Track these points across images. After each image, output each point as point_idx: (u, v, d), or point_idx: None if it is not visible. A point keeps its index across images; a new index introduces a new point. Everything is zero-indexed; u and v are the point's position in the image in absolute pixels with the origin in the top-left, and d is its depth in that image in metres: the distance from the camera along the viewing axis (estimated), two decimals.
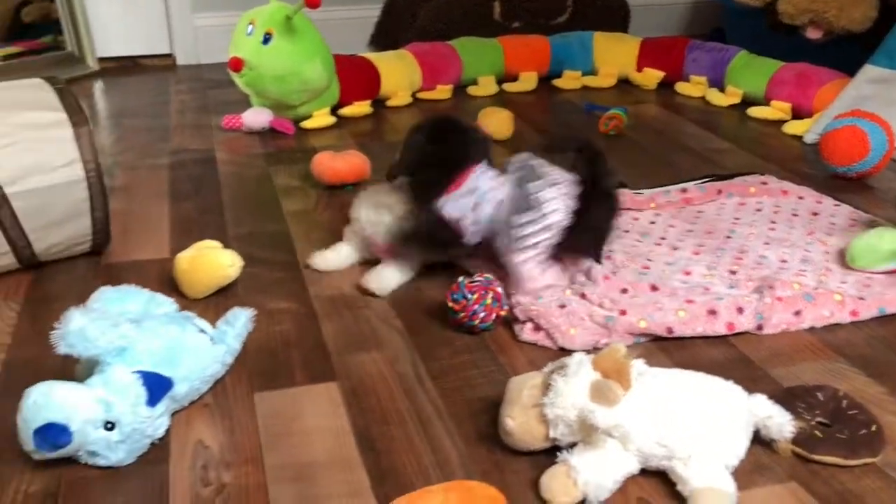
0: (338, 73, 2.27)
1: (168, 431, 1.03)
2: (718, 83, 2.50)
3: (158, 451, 1.01)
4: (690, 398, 0.95)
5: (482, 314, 1.22)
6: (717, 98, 2.46)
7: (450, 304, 1.24)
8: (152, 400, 0.98)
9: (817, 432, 1.00)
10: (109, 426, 0.95)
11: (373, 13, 3.00)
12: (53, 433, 0.92)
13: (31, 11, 2.80)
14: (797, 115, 2.26)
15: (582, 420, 0.94)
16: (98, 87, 2.69)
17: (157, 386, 0.99)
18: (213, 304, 1.33)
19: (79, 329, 0.95)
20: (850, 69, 2.20)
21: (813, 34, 2.45)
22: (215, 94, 2.55)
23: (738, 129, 2.28)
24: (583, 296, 1.27)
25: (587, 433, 0.95)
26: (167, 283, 1.38)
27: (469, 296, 1.22)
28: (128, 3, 2.85)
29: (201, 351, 1.07)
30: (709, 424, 0.94)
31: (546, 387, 0.97)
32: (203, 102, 2.49)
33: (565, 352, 1.18)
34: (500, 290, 1.25)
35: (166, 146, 2.11)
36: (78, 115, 1.37)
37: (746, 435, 0.97)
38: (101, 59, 2.85)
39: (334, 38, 2.25)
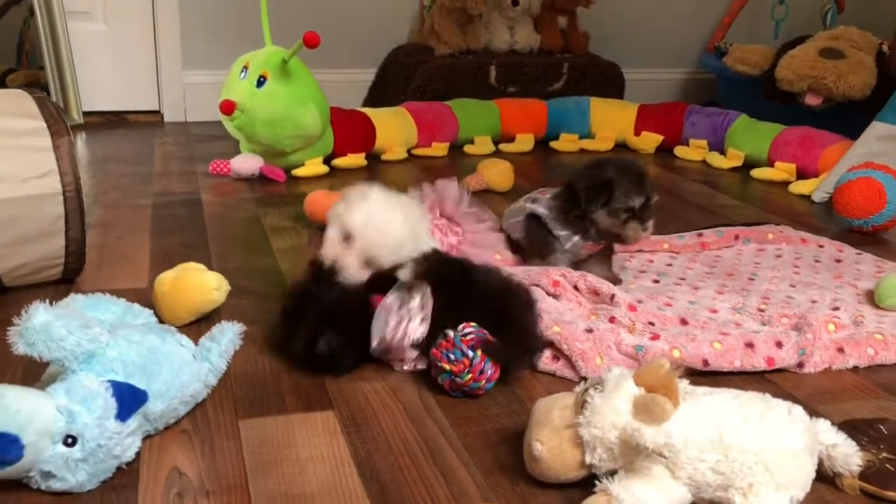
0: (333, 123, 2.20)
1: (138, 455, 0.88)
2: (718, 146, 2.46)
3: (125, 476, 0.86)
4: (748, 419, 0.83)
5: (490, 371, 1.03)
6: (719, 161, 2.41)
7: (446, 365, 1.02)
8: (123, 413, 0.84)
9: (888, 466, 0.88)
10: (70, 441, 0.80)
11: (367, 77, 2.97)
12: (1, 445, 0.77)
13: (17, 79, 2.73)
14: (801, 176, 2.21)
15: (624, 441, 0.81)
16: (81, 138, 2.59)
17: (129, 398, 0.85)
18: (196, 332, 1.20)
19: (42, 325, 0.81)
20: (847, 135, 2.17)
21: (812, 101, 2.43)
22: (202, 147, 2.46)
23: (742, 188, 2.22)
24: (612, 319, 1.15)
25: (630, 458, 0.82)
26: None
27: (471, 353, 1.02)
28: (117, 58, 2.79)
29: (181, 365, 0.93)
30: (771, 450, 0.81)
31: (580, 406, 0.85)
32: (189, 153, 2.40)
33: None
34: (493, 338, 1.05)
35: (150, 189, 2.00)
36: (58, 125, 1.27)
37: (813, 464, 0.84)
38: (87, 114, 2.77)
39: (329, 99, 2.19)
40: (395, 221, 1.17)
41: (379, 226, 1.16)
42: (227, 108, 2.01)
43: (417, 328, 1.07)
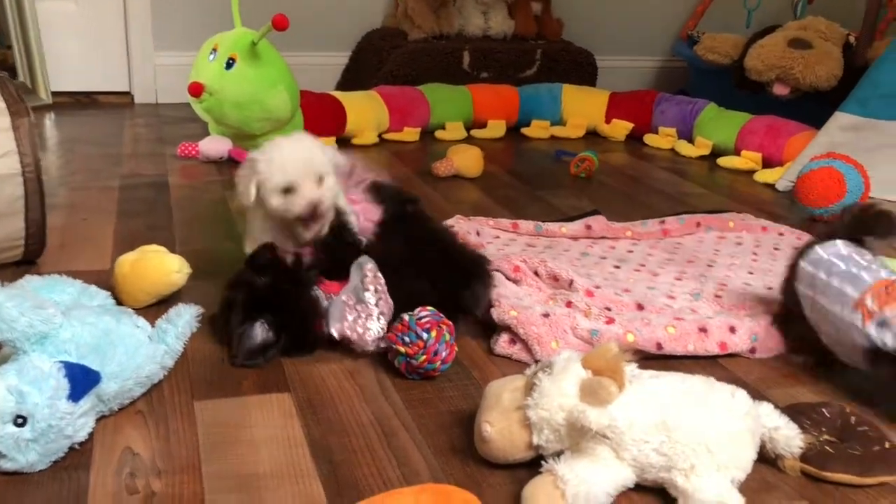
0: (302, 107, 2.19)
1: (91, 436, 0.89)
2: (687, 135, 2.49)
3: (78, 457, 0.86)
4: (692, 402, 0.85)
5: (444, 353, 1.05)
6: (687, 149, 2.43)
7: (401, 348, 1.04)
8: (75, 394, 0.84)
9: (828, 448, 0.90)
10: (20, 421, 0.81)
11: (341, 60, 2.96)
12: None
13: None
14: (767, 164, 2.24)
15: (570, 423, 0.82)
16: (50, 118, 2.57)
17: (82, 379, 0.85)
18: (156, 314, 1.20)
19: None
20: (815, 125, 2.19)
21: (780, 90, 2.46)
22: (172, 129, 2.45)
23: (709, 177, 2.24)
24: (569, 304, 1.17)
25: (576, 439, 0.84)
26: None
27: (426, 335, 1.03)
28: (88, 39, 2.76)
29: (136, 347, 0.94)
30: (713, 432, 0.83)
31: (530, 388, 0.86)
32: (159, 135, 2.38)
33: None
34: (449, 321, 1.08)
35: (118, 171, 1.99)
36: (17, 105, 1.26)
37: (754, 446, 0.86)
38: (56, 94, 2.73)
39: (302, 81, 2.18)
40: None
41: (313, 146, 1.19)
42: (196, 90, 2.00)
43: (375, 324, 1.08)
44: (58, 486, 0.82)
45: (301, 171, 1.14)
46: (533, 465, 0.86)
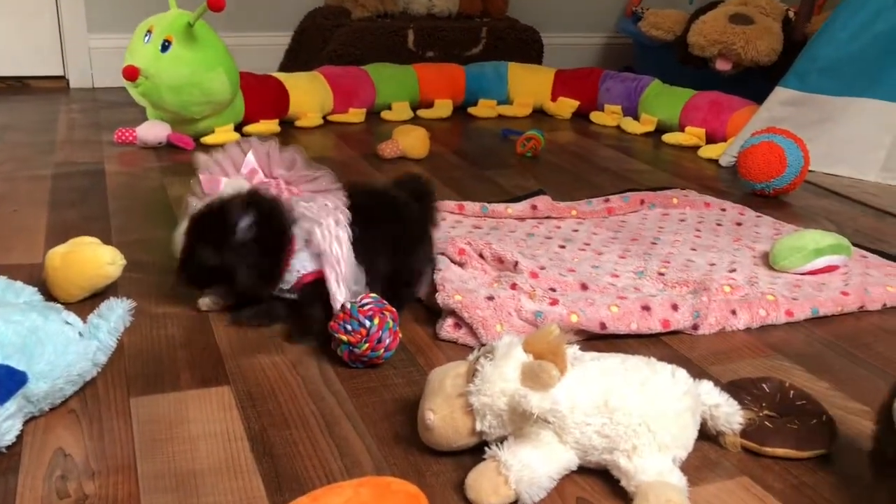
0: (243, 89, 2.14)
1: (19, 438, 0.85)
2: (633, 112, 2.50)
3: (5, 461, 0.83)
4: (632, 383, 0.85)
5: (388, 340, 1.03)
6: (632, 126, 2.45)
7: (343, 336, 1.02)
8: (0, 397, 0.81)
9: (767, 423, 0.92)
10: None
11: (283, 40, 2.90)
12: None
13: None
14: (711, 140, 2.26)
15: (513, 408, 0.82)
16: None
17: (6, 380, 0.82)
18: (90, 308, 1.16)
19: None
20: (758, 100, 2.22)
21: (722, 66, 2.49)
22: (109, 114, 2.38)
23: (653, 153, 2.26)
24: (513, 286, 1.16)
25: (518, 424, 0.83)
26: (38, 287, 1.19)
27: (368, 322, 1.01)
28: (18, 21, 2.66)
29: (66, 344, 0.90)
30: (654, 412, 0.83)
31: (472, 374, 0.85)
32: (95, 120, 2.31)
33: None
34: (393, 308, 1.06)
35: (50, 159, 1.92)
36: None
37: (695, 424, 0.87)
38: None
39: (244, 63, 2.13)
40: None
41: None
42: (131, 73, 1.94)
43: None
44: None
45: None
46: (477, 451, 0.85)
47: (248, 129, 2.17)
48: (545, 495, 0.81)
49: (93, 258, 1.17)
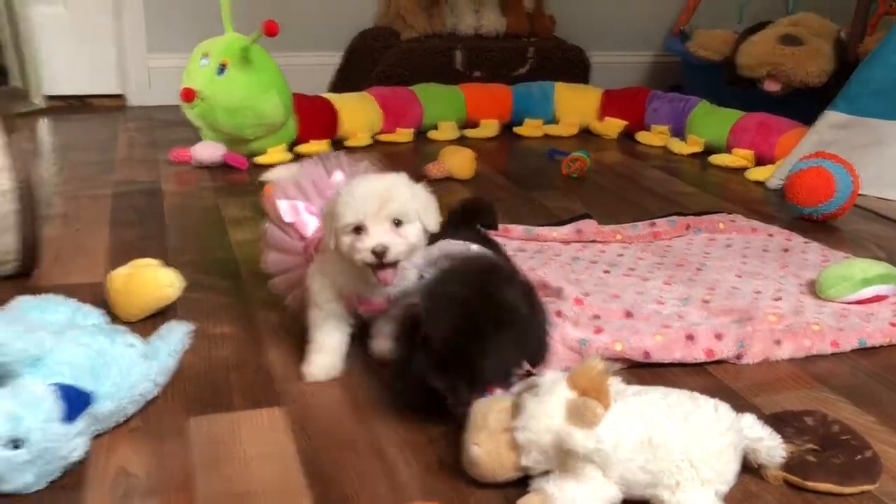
0: (296, 110, 2.20)
1: (86, 455, 0.90)
2: (680, 132, 2.50)
3: (73, 477, 0.88)
4: (675, 418, 0.86)
5: None
6: (679, 146, 2.44)
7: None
8: (69, 416, 0.86)
9: (810, 457, 0.92)
10: (15, 444, 0.82)
11: (333, 60, 2.96)
12: None
13: None
14: (759, 162, 2.25)
15: (558, 445, 0.84)
16: (43, 123, 2.58)
17: (75, 400, 0.87)
18: (151, 327, 1.21)
19: None
20: (807, 121, 2.20)
21: (771, 87, 2.47)
22: (165, 133, 2.45)
23: (700, 175, 2.25)
24: (558, 313, 1.18)
25: (563, 459, 0.85)
26: (100, 307, 1.25)
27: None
28: (80, 41, 2.77)
29: (130, 366, 0.95)
30: (697, 447, 0.84)
31: (516, 409, 0.88)
32: (152, 138, 2.39)
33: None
34: None
35: (110, 178, 2.00)
36: (9, 121, 1.27)
37: (737, 458, 0.88)
38: (49, 98, 2.74)
39: (294, 83, 2.19)
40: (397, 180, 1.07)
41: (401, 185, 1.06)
42: (188, 95, 2.01)
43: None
44: None
45: (372, 211, 1.02)
46: (520, 483, 0.87)
47: (299, 148, 2.22)
48: None
49: (153, 280, 1.22)
